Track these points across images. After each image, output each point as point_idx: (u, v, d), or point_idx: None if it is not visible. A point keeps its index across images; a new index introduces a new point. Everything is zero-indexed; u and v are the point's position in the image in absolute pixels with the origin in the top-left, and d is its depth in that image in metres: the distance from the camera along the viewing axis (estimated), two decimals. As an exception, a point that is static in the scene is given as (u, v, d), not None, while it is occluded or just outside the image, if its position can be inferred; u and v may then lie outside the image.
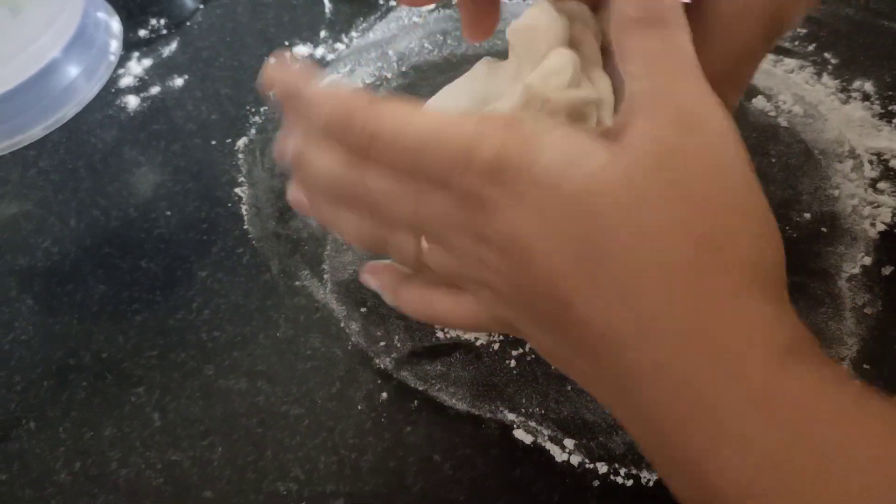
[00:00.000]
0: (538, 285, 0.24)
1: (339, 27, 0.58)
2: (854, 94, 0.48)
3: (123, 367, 0.42)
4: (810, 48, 0.51)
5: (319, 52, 0.57)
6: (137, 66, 0.58)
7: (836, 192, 0.44)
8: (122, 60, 0.58)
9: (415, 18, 0.58)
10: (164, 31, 0.61)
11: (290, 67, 0.28)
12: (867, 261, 0.41)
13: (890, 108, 0.47)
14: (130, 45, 0.60)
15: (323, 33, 0.58)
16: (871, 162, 0.45)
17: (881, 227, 0.42)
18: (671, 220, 0.22)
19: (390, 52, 0.56)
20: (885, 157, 0.45)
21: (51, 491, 0.38)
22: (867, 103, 0.47)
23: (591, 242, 0.23)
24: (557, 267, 0.24)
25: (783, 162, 0.46)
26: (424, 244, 0.28)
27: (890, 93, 0.48)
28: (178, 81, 0.56)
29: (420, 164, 0.25)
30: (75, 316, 0.44)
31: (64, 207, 0.50)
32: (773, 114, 0.48)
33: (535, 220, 0.23)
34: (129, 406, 0.40)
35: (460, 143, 0.24)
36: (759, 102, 0.49)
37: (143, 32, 0.61)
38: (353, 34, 0.58)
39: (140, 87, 0.56)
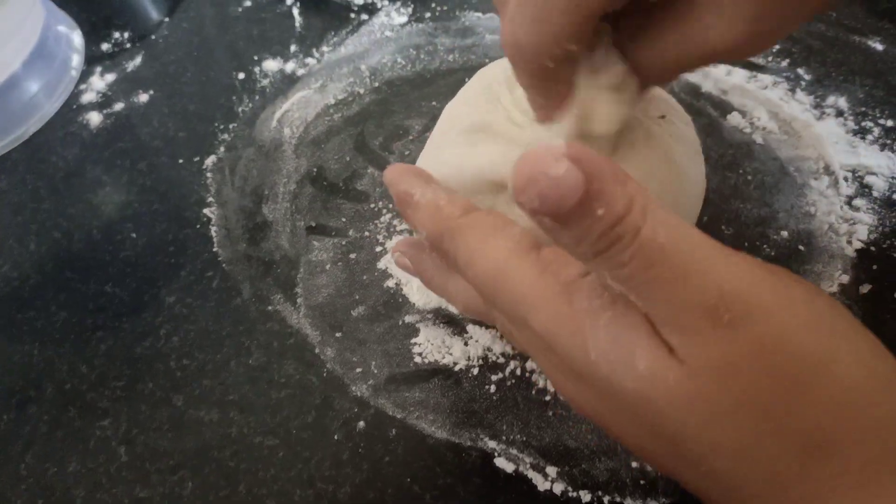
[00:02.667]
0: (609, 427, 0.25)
1: (310, 41, 0.57)
2: (828, 111, 0.48)
3: (88, 399, 0.40)
4: (783, 64, 0.51)
5: (290, 66, 0.55)
6: (100, 82, 0.56)
7: (813, 210, 0.44)
8: (85, 75, 0.57)
9: (387, 33, 0.57)
10: (128, 45, 0.59)
11: (402, 175, 0.30)
12: (845, 279, 0.41)
13: (863, 124, 0.47)
14: (93, 59, 0.58)
15: (293, 48, 0.57)
16: (846, 179, 0.45)
17: (858, 245, 0.42)
18: (748, 429, 0.20)
19: (362, 67, 0.55)
20: (860, 173, 0.45)
21: (11, 532, 0.36)
22: (841, 119, 0.48)
23: (665, 444, 0.22)
24: (633, 443, 0.24)
25: (759, 179, 0.45)
26: None
27: (863, 109, 0.48)
28: (143, 97, 0.55)
29: (484, 296, 0.26)
30: (36, 344, 0.43)
31: (23, 230, 0.48)
32: (748, 130, 0.48)
33: (595, 398, 0.24)
34: (94, 440, 0.39)
35: (516, 297, 0.24)
36: (734, 119, 0.48)
37: (105, 46, 0.59)
38: (325, 49, 0.57)
39: (103, 104, 0.55)
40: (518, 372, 0.39)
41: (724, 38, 0.23)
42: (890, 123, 0.47)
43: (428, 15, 0.58)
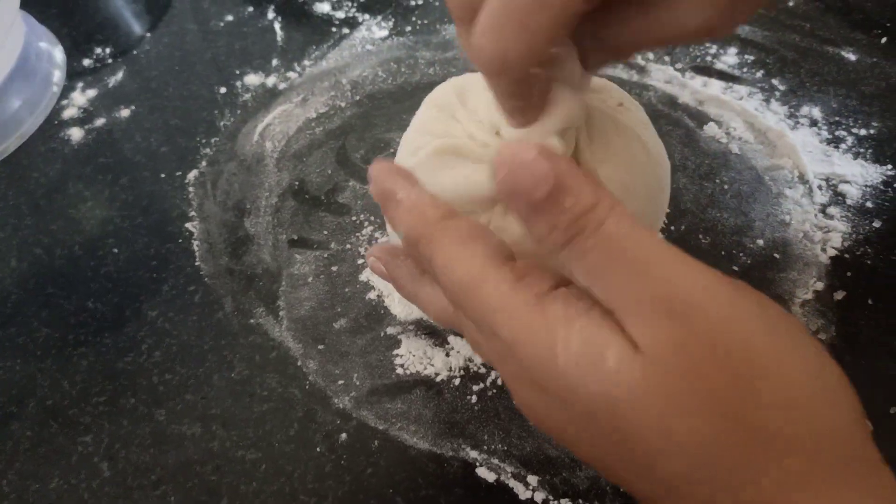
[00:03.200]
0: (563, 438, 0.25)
1: (292, 55, 0.58)
2: (802, 121, 0.49)
3: (70, 415, 0.40)
4: (758, 75, 0.52)
5: (271, 80, 0.56)
6: (82, 97, 0.56)
7: (788, 218, 0.44)
8: (66, 91, 0.57)
9: (368, 47, 0.58)
10: (110, 60, 0.59)
11: (388, 173, 0.30)
12: (819, 286, 0.41)
13: (837, 133, 0.48)
14: (74, 74, 0.58)
15: (275, 62, 0.57)
16: (820, 188, 0.46)
17: (832, 252, 0.43)
18: (704, 422, 0.20)
19: (343, 81, 0.55)
20: (834, 182, 0.46)
21: (-8, 550, 0.36)
22: (815, 129, 0.48)
23: (621, 449, 0.22)
24: (588, 451, 0.24)
25: (735, 189, 0.46)
26: None
27: (836, 118, 0.49)
28: (125, 112, 0.55)
29: (455, 302, 0.26)
30: (18, 361, 0.43)
31: (4, 246, 0.48)
32: (724, 140, 0.49)
33: (555, 408, 0.23)
34: (76, 456, 0.39)
35: (488, 305, 0.24)
36: (710, 129, 0.49)
37: (87, 61, 0.59)
38: (306, 62, 0.57)
39: (85, 119, 0.55)
40: (499, 382, 0.39)
41: (697, 18, 0.24)
42: (863, 132, 0.48)
43: (409, 29, 0.59)
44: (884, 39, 0.54)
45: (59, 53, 0.59)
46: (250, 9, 0.62)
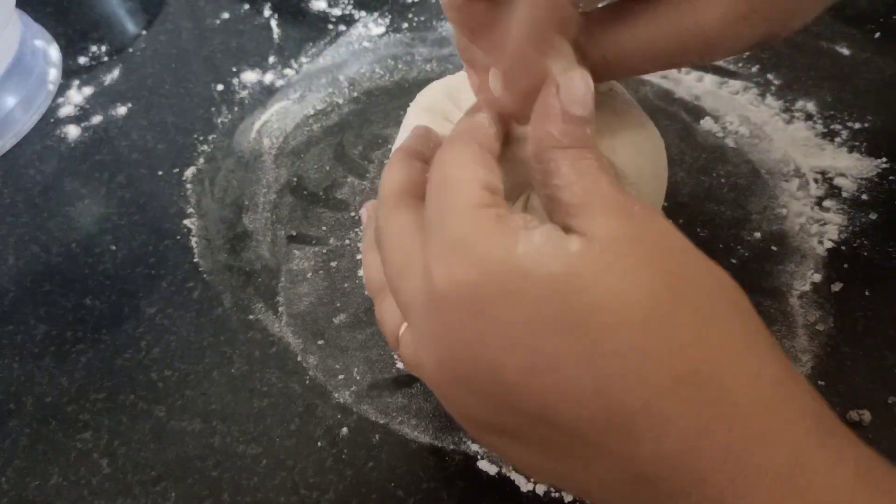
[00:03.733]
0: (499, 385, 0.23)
1: (289, 52, 0.58)
2: (797, 115, 0.49)
3: (68, 412, 0.40)
4: (753, 69, 0.52)
5: (268, 78, 0.56)
6: (78, 95, 0.56)
7: (784, 211, 0.45)
8: (62, 89, 0.57)
9: (365, 44, 0.58)
10: (106, 58, 0.59)
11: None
12: (817, 278, 0.42)
13: (832, 126, 0.48)
14: (70, 72, 0.58)
15: (272, 59, 0.57)
16: (816, 181, 0.46)
17: (829, 245, 0.43)
18: (655, 293, 0.22)
19: (341, 78, 0.55)
20: (830, 175, 0.46)
21: (-8, 547, 0.36)
22: (810, 123, 0.49)
23: (569, 332, 0.22)
24: (531, 362, 0.23)
25: (732, 182, 0.46)
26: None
27: (831, 112, 0.49)
28: (122, 110, 0.55)
29: (428, 195, 0.26)
30: (15, 358, 0.42)
31: (1, 244, 0.48)
32: (720, 135, 0.49)
33: (499, 302, 0.23)
34: (75, 453, 0.38)
35: (452, 205, 0.25)
36: (706, 124, 0.49)
37: (83, 59, 0.59)
38: (303, 59, 0.57)
39: (81, 117, 0.55)
40: (499, 375, 0.39)
41: (716, 16, 0.25)
42: (857, 126, 0.48)
43: (405, 25, 0.59)
44: (877, 34, 0.54)
45: (54, 51, 0.59)
46: (246, 6, 0.62)
